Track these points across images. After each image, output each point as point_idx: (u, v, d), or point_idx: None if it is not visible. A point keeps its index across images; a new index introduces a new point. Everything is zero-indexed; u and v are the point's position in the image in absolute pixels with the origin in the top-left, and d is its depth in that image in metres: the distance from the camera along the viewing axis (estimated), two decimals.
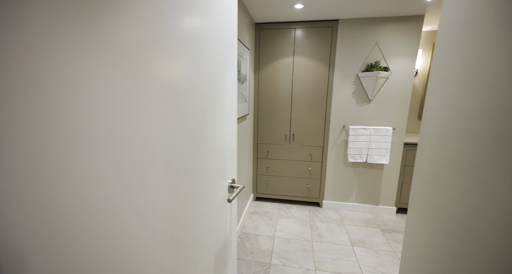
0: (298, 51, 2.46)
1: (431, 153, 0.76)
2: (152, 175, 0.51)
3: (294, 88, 2.53)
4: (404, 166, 2.50)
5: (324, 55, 2.42)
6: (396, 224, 2.39)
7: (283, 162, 2.70)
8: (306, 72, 2.48)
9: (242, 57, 1.94)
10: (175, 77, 0.57)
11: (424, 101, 3.07)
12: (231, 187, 1.01)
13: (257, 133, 2.71)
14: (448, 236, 0.69)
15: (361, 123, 2.48)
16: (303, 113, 2.56)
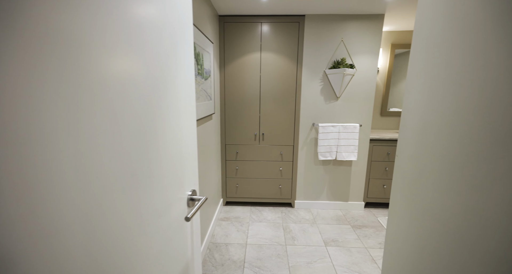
0: (265, 47, 2.35)
1: (413, 151, 0.68)
2: (65, 194, 0.32)
3: (262, 86, 2.42)
4: (371, 162, 2.56)
5: (291, 52, 2.35)
6: (365, 219, 2.44)
7: (253, 163, 2.58)
8: (274, 68, 2.38)
9: (205, 51, 1.75)
10: (98, 70, 0.38)
11: (385, 99, 3.26)
12: (191, 199, 0.84)
13: (225, 134, 2.54)
14: (433, 239, 0.62)
15: (330, 120, 2.47)
16: (272, 112, 2.47)
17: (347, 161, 2.55)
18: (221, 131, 2.53)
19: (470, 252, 0.50)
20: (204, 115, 1.81)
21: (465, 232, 0.52)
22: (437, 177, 0.60)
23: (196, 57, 1.50)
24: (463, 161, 0.52)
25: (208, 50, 1.87)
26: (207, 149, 2.00)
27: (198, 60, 1.56)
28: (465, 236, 0.52)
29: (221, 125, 2.52)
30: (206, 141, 1.96)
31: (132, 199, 0.51)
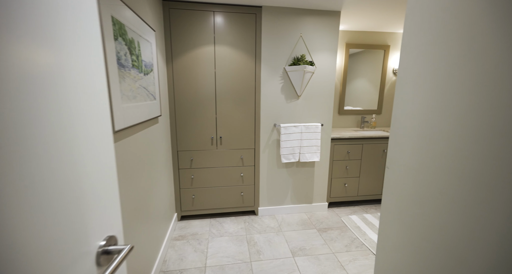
0: (219, 39, 2.09)
1: (413, 162, 0.53)
2: None
3: (218, 83, 2.15)
4: (332, 161, 2.53)
5: (249, 46, 2.14)
6: (329, 220, 2.39)
7: (211, 170, 2.29)
8: (230, 64, 2.14)
9: (143, 39, 1.41)
10: None
11: (342, 98, 3.33)
12: (106, 253, 0.55)
13: (177, 139, 2.19)
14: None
15: (292, 120, 2.35)
16: (230, 112, 2.22)
17: (310, 162, 2.46)
18: (172, 136, 2.18)
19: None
20: (146, 118, 1.46)
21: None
22: (451, 197, 0.44)
23: (128, 44, 1.16)
24: (496, 178, 0.37)
25: (148, 38, 1.53)
26: (153, 158, 1.65)
27: (132, 49, 1.22)
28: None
29: (171, 130, 2.17)
30: (151, 149, 1.61)
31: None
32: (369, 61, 2.99)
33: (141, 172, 1.41)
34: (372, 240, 2.03)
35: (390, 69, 3.05)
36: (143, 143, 1.46)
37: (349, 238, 2.09)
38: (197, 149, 2.23)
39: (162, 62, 1.95)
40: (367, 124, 3.08)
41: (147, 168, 1.52)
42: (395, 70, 3.04)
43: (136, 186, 1.32)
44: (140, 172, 1.39)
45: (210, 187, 2.32)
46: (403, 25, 2.73)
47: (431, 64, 0.50)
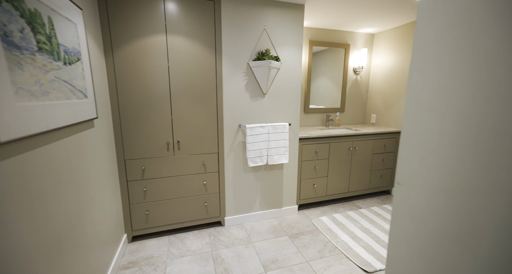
0: (172, 28, 1.79)
1: (443, 182, 0.37)
2: None
3: (172, 79, 1.85)
4: (301, 162, 2.43)
5: (208, 38, 1.88)
6: (300, 224, 2.28)
7: (168, 180, 1.97)
8: (187, 57, 1.85)
9: (59, 15, 1.06)
10: None
11: (307, 95, 3.27)
12: None
13: (123, 146, 1.82)
14: None
15: (258, 120, 2.17)
16: (188, 113, 1.94)
17: (279, 164, 2.32)
18: (117, 143, 1.80)
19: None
20: (71, 121, 1.11)
21: None
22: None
23: (28, 17, 0.82)
24: None
25: (71, 17, 1.17)
26: (85, 172, 1.29)
27: (38, 25, 0.88)
28: None
29: (115, 135, 1.79)
30: (81, 161, 1.26)
31: None
32: (331, 60, 2.98)
33: (62, 193, 1.06)
34: (344, 242, 1.97)
35: (350, 68, 3.10)
36: (67, 155, 1.11)
37: (322, 242, 2.00)
38: (150, 156, 1.89)
39: (97, 51, 1.57)
40: (332, 123, 3.08)
41: (74, 187, 1.17)
42: (355, 69, 3.10)
43: (52, 212, 0.97)
44: (60, 193, 1.04)
45: (167, 199, 2.00)
46: (362, 24, 2.80)
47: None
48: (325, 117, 3.08)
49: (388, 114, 2.95)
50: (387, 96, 2.95)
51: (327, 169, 2.55)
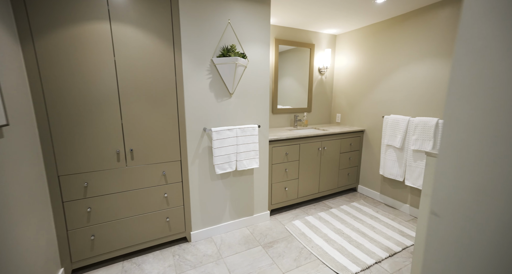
0: (118, 15, 1.49)
1: None
2: None
3: (121, 77, 1.55)
4: (272, 165, 2.32)
5: (164, 29, 1.63)
6: (273, 231, 2.16)
7: (120, 196, 1.66)
8: (138, 51, 1.57)
9: None
10: None
11: (274, 95, 3.17)
12: None
13: (55, 159, 1.46)
14: None
15: (225, 123, 1.98)
16: (143, 116, 1.65)
17: (249, 169, 2.17)
18: (46, 156, 1.43)
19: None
20: None
21: None
22: None
23: None
24: None
25: None
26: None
27: None
28: None
29: (43, 146, 1.42)
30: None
31: None
32: (297, 60, 2.95)
33: None
34: (319, 246, 1.92)
35: (316, 68, 3.11)
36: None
37: (296, 248, 1.91)
38: (95, 169, 1.56)
39: (6, 39, 1.21)
40: (300, 123, 3.05)
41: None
42: (320, 69, 3.12)
43: None
44: None
45: (120, 218, 1.68)
46: (326, 25, 2.81)
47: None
48: (293, 117, 3.04)
49: (352, 114, 3.03)
50: (351, 96, 3.03)
51: (297, 170, 2.49)
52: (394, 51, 2.46)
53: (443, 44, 2.08)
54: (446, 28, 2.05)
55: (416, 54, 2.27)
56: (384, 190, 2.70)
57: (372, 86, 2.74)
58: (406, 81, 2.38)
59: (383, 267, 1.71)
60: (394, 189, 2.59)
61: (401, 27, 2.38)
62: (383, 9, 2.25)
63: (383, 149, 2.55)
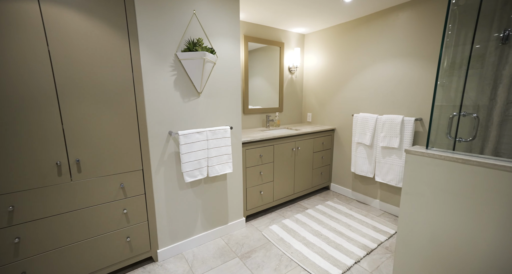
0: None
1: None
2: None
3: (59, 71, 1.26)
4: (246, 169, 2.18)
5: (115, 16, 1.37)
6: (250, 239, 2.03)
7: (61, 219, 1.36)
8: (83, 41, 1.29)
9: None
10: None
11: (245, 95, 3.03)
12: None
13: None
14: None
15: (193, 125, 1.78)
16: (92, 119, 1.38)
17: (222, 174, 2.00)
18: None
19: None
20: None
21: None
22: None
23: None
24: None
25: None
26: None
27: None
28: None
29: None
30: None
31: None
32: (267, 59, 2.86)
33: None
34: (299, 252, 1.84)
35: (286, 67, 3.06)
36: None
37: (276, 256, 1.81)
38: (24, 187, 1.24)
39: None
40: (272, 123, 2.97)
41: None
42: (290, 68, 3.09)
43: None
44: None
45: (63, 246, 1.38)
46: (294, 23, 2.77)
47: None
48: (265, 118, 2.94)
49: (322, 113, 3.06)
50: (321, 95, 3.05)
51: (272, 173, 2.40)
52: (361, 51, 2.53)
53: (404, 45, 2.17)
54: (407, 30, 2.15)
55: (381, 54, 2.36)
56: (356, 187, 2.76)
57: (341, 85, 2.78)
58: (372, 80, 2.46)
59: (362, 267, 1.70)
60: (365, 185, 2.67)
61: (366, 28, 2.45)
62: (350, 10, 2.28)
63: (354, 147, 2.60)
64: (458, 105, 1.78)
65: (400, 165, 2.22)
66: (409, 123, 2.13)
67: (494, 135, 1.85)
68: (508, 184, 0.92)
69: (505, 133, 1.81)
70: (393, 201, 2.42)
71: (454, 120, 1.63)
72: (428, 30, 2.01)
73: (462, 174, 1.03)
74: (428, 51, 2.03)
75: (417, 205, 1.19)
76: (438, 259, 1.15)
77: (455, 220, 1.07)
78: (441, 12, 1.93)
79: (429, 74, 2.05)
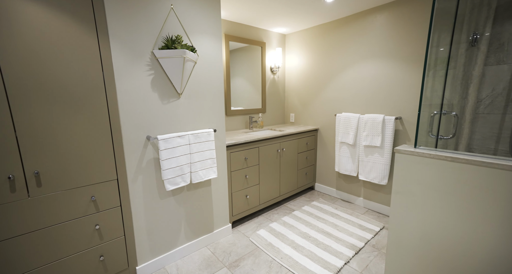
0: None
1: None
2: None
3: (7, 69, 1.07)
4: (231, 173, 2.09)
5: (80, 7, 1.21)
6: (237, 247, 1.94)
7: (16, 242, 1.16)
8: (39, 34, 1.12)
9: None
10: None
11: (227, 96, 2.91)
12: None
13: None
14: None
15: (174, 129, 1.65)
16: (54, 124, 1.20)
17: (206, 180, 1.89)
18: None
19: None
20: None
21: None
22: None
23: None
24: None
25: None
26: None
27: None
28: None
29: None
30: None
31: None
32: (248, 59, 2.80)
33: None
34: (289, 256, 1.79)
35: (268, 68, 3.02)
36: None
37: (266, 263, 1.74)
38: None
39: None
40: (255, 124, 2.90)
41: None
42: (272, 68, 3.05)
43: None
44: None
45: (27, 272, 1.18)
46: (275, 23, 2.73)
47: None
48: (248, 119, 2.87)
49: (305, 113, 3.06)
50: (303, 95, 3.05)
51: (258, 175, 2.33)
52: (342, 52, 2.56)
53: (383, 46, 2.23)
54: (385, 32, 2.21)
55: (361, 55, 2.40)
56: (340, 186, 2.79)
57: (323, 86, 2.80)
58: (354, 80, 2.50)
59: (352, 267, 1.69)
60: (348, 184, 2.70)
61: (346, 29, 2.49)
62: (330, 10, 2.29)
63: (337, 146, 2.63)
64: (435, 104, 1.85)
65: (382, 163, 2.27)
66: (390, 122, 2.18)
67: (466, 132, 1.95)
68: (496, 181, 0.94)
69: (476, 130, 1.91)
70: (376, 198, 2.48)
71: (435, 118, 1.69)
72: (404, 32, 2.08)
73: (451, 172, 1.04)
74: (405, 53, 2.10)
75: (407, 204, 1.19)
76: (429, 257, 1.16)
77: (445, 218, 1.09)
78: (416, 15, 2.01)
79: (406, 74, 2.12)
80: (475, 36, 1.84)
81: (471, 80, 1.89)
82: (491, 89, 1.82)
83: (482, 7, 1.82)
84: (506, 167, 0.90)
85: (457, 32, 1.88)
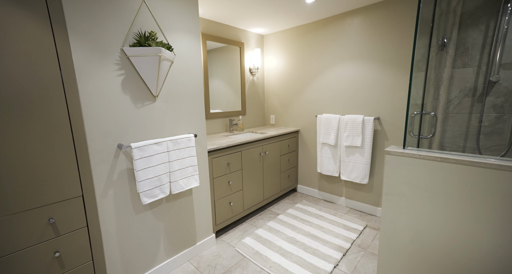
0: None
1: None
2: None
3: None
4: (213, 180, 1.97)
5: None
6: (223, 258, 1.82)
7: None
8: None
9: None
10: None
11: (206, 98, 2.74)
12: None
13: None
14: None
15: (150, 135, 1.49)
16: (1, 133, 0.98)
17: (187, 190, 1.74)
18: None
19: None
20: None
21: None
22: None
23: None
24: None
25: None
26: None
27: None
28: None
29: None
30: None
31: None
32: (227, 60, 2.69)
33: None
34: (278, 264, 1.72)
35: (247, 69, 2.94)
36: None
37: (253, 270, 1.65)
38: None
39: None
40: (236, 127, 2.80)
41: None
42: (251, 69, 2.98)
43: None
44: None
45: None
46: (254, 23, 2.66)
47: None
48: (228, 122, 2.76)
49: (285, 114, 3.03)
50: (282, 96, 3.02)
51: (241, 181, 2.23)
52: (321, 53, 2.57)
53: (360, 49, 2.29)
54: (361, 34, 2.26)
55: (340, 57, 2.43)
56: (322, 187, 2.81)
57: (302, 87, 2.79)
58: (333, 82, 2.53)
59: (341, 270, 1.67)
60: (330, 184, 2.73)
61: (324, 31, 2.51)
62: (308, 12, 2.29)
63: (319, 147, 2.63)
64: (413, 105, 1.92)
65: (363, 162, 2.32)
66: (369, 123, 2.23)
67: (439, 131, 2.06)
68: (485, 180, 0.97)
69: (447, 128, 2.03)
70: (357, 197, 2.53)
71: (415, 119, 1.75)
72: (379, 36, 2.15)
73: (440, 172, 1.06)
74: (382, 55, 2.17)
75: (398, 205, 1.19)
76: (421, 258, 1.17)
77: (436, 218, 1.10)
78: (390, 19, 2.08)
79: (383, 75, 2.19)
80: (444, 41, 1.95)
81: (441, 82, 2.00)
82: (459, 91, 1.94)
83: (449, 13, 1.94)
84: (494, 166, 0.93)
85: (428, 37, 1.98)
